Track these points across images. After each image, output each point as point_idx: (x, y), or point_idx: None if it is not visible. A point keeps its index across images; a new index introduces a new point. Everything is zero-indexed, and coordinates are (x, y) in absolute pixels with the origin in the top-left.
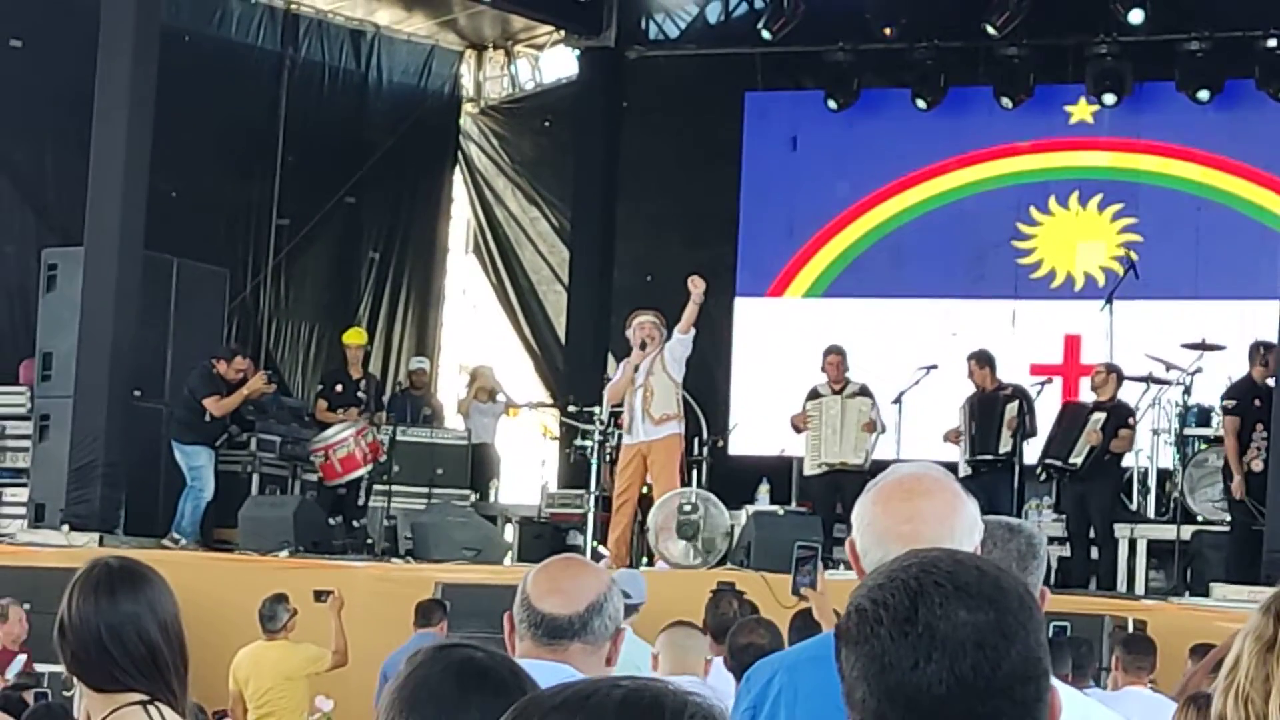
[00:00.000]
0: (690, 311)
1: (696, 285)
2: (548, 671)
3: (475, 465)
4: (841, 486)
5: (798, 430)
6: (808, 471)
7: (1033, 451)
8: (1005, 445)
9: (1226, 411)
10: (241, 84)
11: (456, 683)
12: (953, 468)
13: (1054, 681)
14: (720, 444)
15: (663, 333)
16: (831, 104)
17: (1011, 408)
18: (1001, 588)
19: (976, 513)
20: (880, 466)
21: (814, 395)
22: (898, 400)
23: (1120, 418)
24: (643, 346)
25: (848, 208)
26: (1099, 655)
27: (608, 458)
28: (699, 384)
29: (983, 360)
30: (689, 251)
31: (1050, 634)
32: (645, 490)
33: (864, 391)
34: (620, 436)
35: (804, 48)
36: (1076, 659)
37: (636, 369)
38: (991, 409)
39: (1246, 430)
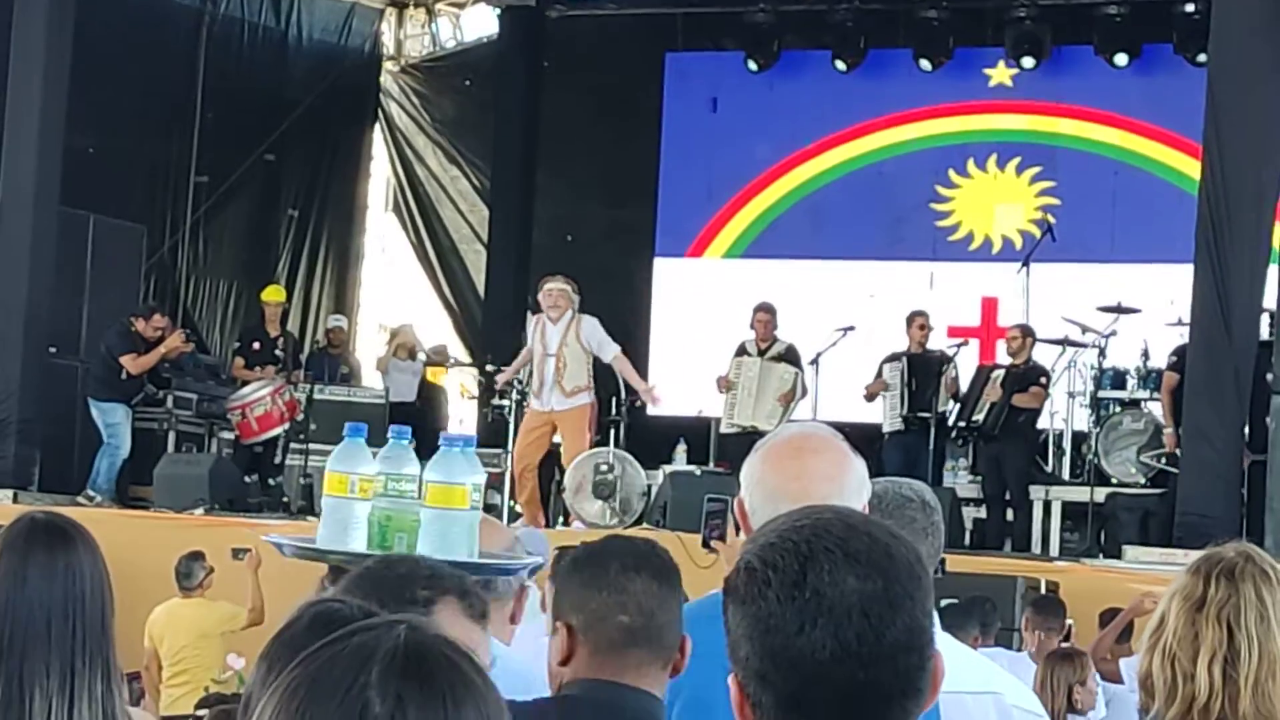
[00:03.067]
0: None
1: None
2: None
3: (392, 424)
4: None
5: (722, 391)
6: (723, 430)
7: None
8: (943, 406)
9: (1168, 367)
10: (160, 40)
11: (312, 632)
12: (872, 427)
13: (940, 644)
14: (638, 404)
15: (572, 301)
16: (752, 65)
17: (950, 369)
18: (891, 556)
19: (864, 471)
20: None
21: (740, 352)
22: (815, 361)
23: (1032, 378)
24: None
25: (767, 169)
26: (1013, 617)
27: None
28: (618, 343)
29: (925, 323)
30: (608, 212)
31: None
32: (555, 449)
33: (789, 354)
34: (526, 398)
35: (724, 9)
36: (983, 618)
37: (545, 335)
38: (928, 369)
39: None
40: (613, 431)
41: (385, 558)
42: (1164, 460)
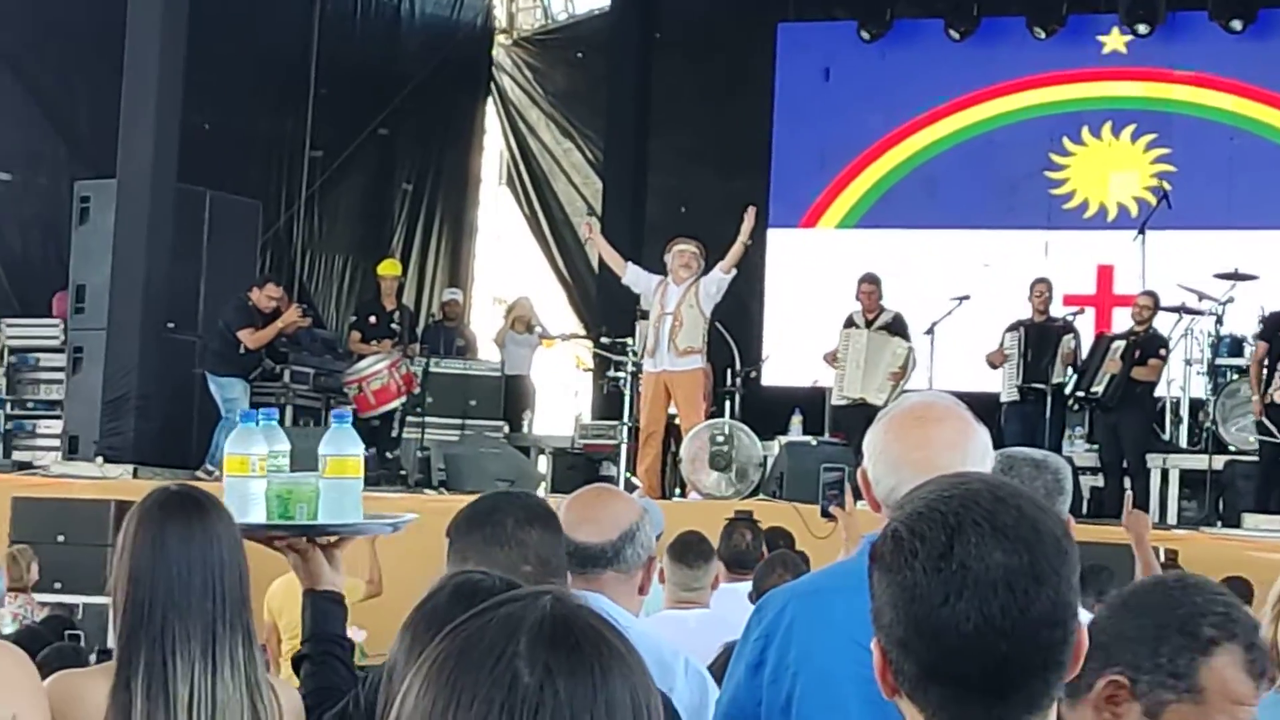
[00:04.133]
0: (735, 251)
1: (748, 221)
2: None
3: (509, 397)
4: (869, 419)
5: (830, 365)
6: (834, 402)
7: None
8: (1058, 377)
9: (1258, 337)
10: (274, 16)
11: (454, 603)
12: (989, 397)
13: (1082, 616)
14: (753, 375)
15: (700, 264)
16: (864, 34)
17: (1068, 340)
18: (1038, 529)
19: (988, 439)
20: None
21: (848, 324)
22: (930, 331)
23: (1151, 347)
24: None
25: (880, 138)
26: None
27: (639, 388)
28: (732, 315)
29: (1044, 290)
30: (721, 183)
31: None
32: (674, 420)
33: (896, 324)
34: (640, 369)
35: None
36: (1100, 587)
37: (665, 295)
38: (1047, 339)
39: (1273, 359)
40: (728, 403)
41: None
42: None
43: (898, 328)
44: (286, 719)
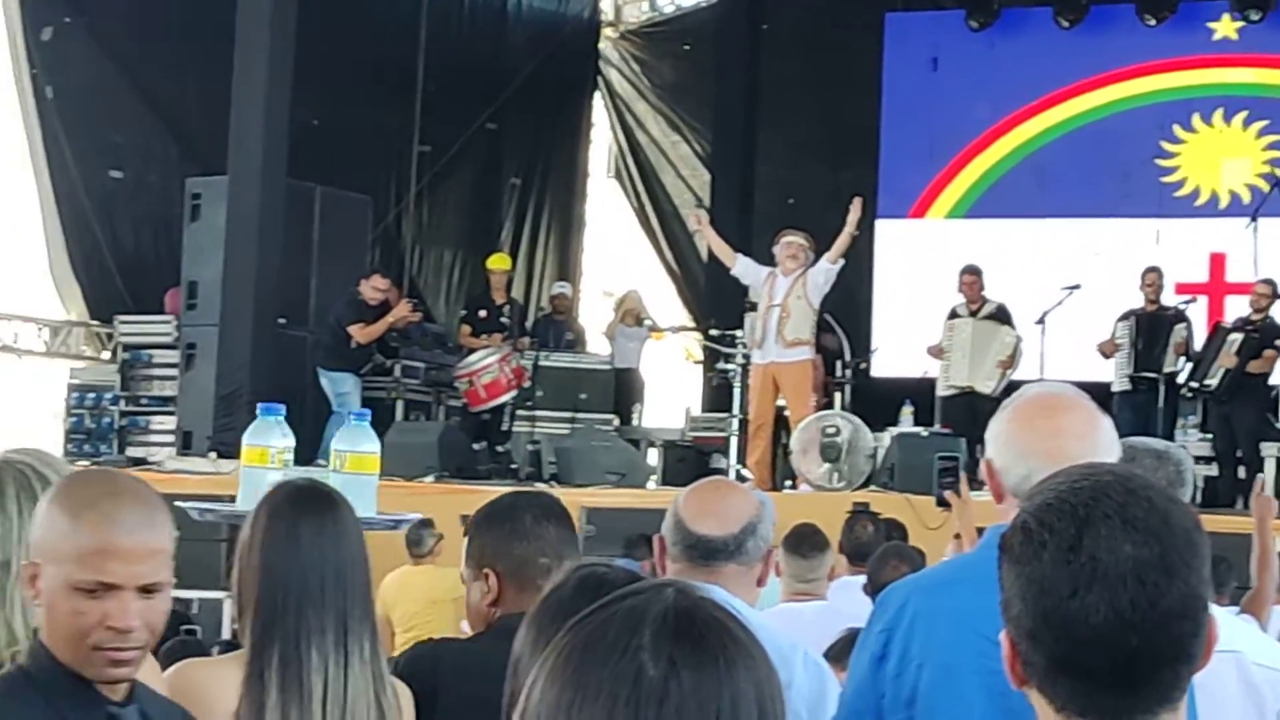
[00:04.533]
0: (842, 241)
1: (854, 211)
2: None
3: (619, 390)
4: (976, 410)
5: (935, 357)
6: (940, 393)
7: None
8: (1170, 366)
9: None
10: (381, 13)
11: (579, 596)
12: (1100, 386)
13: (1212, 609)
14: (863, 366)
15: (808, 255)
16: (972, 24)
17: (1180, 329)
18: (1169, 522)
19: (1113, 429)
20: (1015, 389)
21: (952, 315)
22: (1041, 320)
23: (1268, 339)
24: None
25: (989, 128)
26: (1248, 576)
27: (748, 381)
28: (841, 306)
29: (1156, 279)
30: (830, 174)
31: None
32: (784, 412)
33: (1000, 314)
34: (749, 360)
35: None
36: (1218, 577)
37: (773, 287)
38: (1158, 328)
39: None
40: (838, 395)
41: None
42: None
43: (1004, 317)
44: (404, 714)
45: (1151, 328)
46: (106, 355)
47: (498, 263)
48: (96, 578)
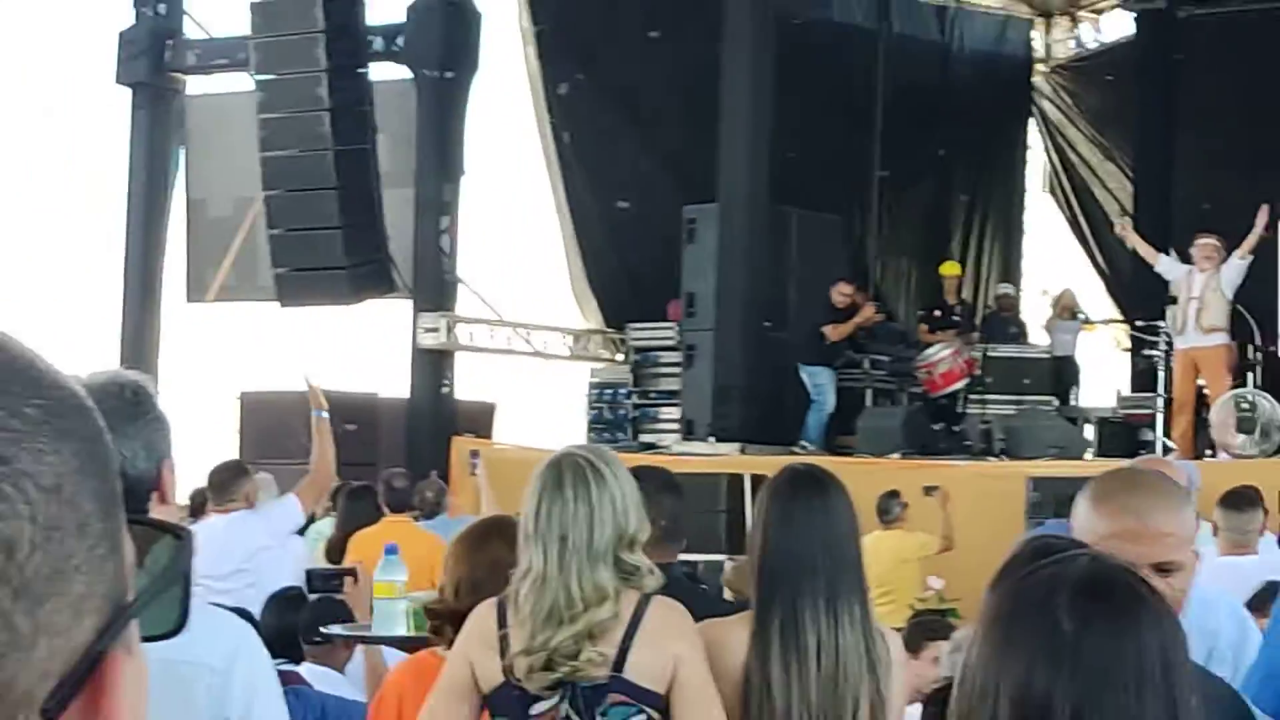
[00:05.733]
0: (1251, 240)
1: (1262, 216)
2: None
3: (1058, 375)
4: None
5: None
6: None
7: None
8: None
9: None
10: (844, 59)
11: (1033, 559)
12: None
13: None
14: (1272, 349)
15: (1221, 254)
16: None
17: None
18: None
19: None
20: None
21: None
22: None
23: None
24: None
25: None
26: None
27: (1171, 364)
28: (1254, 296)
29: None
30: (1243, 182)
31: None
32: (1203, 390)
33: None
34: (1172, 348)
35: None
36: None
37: (1191, 282)
38: None
39: None
40: (1249, 375)
41: None
42: None
43: None
44: (894, 665)
45: None
46: (620, 357)
47: (949, 269)
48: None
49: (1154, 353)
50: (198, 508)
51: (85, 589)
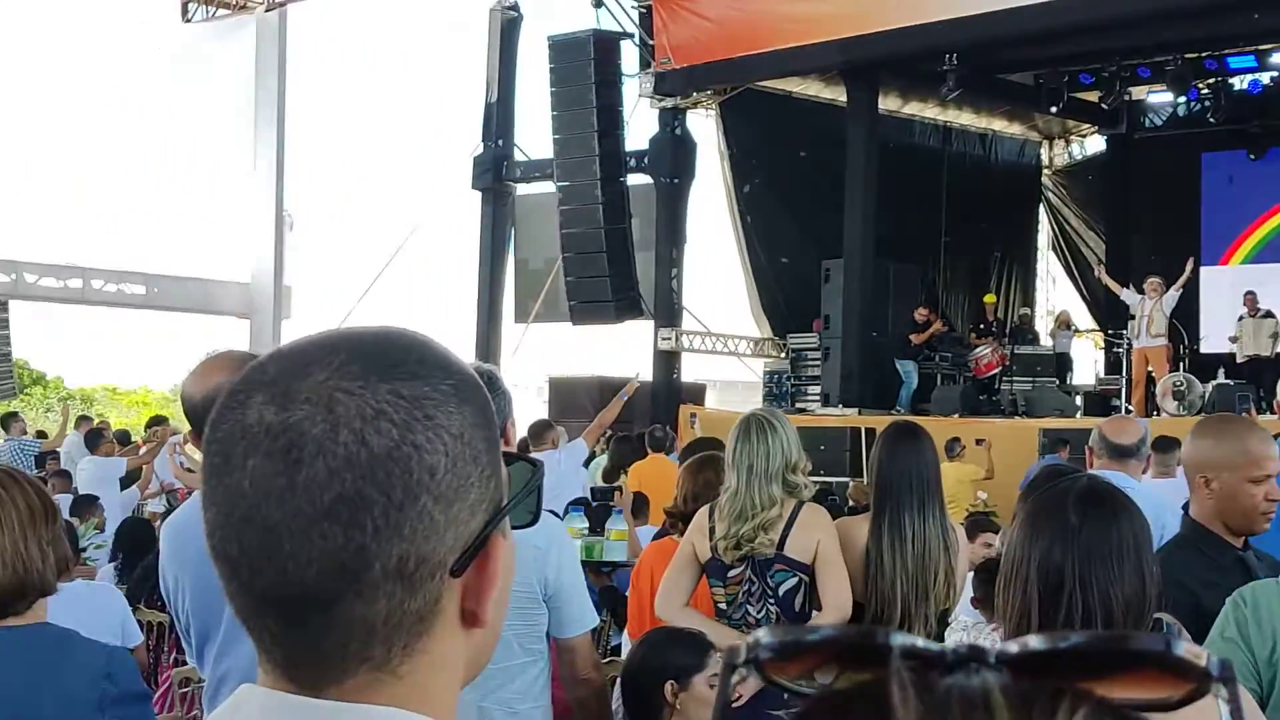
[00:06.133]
0: (1182, 279)
1: (1188, 265)
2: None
3: (1059, 365)
4: (1259, 368)
5: (1233, 342)
6: (1239, 360)
7: None
8: None
9: None
10: (921, 166)
11: (1047, 479)
12: None
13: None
14: (1194, 348)
15: (1162, 288)
16: None
17: None
18: None
19: None
20: None
21: (1240, 318)
22: None
23: None
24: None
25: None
26: None
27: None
28: (1182, 313)
29: None
30: (1178, 244)
31: None
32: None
33: (1268, 314)
34: (1132, 346)
35: None
36: None
37: (1144, 304)
38: None
39: None
40: (1181, 364)
41: None
42: None
43: (1271, 314)
44: (960, 547)
45: None
46: (783, 355)
47: (989, 299)
48: (1264, 472)
49: (1119, 350)
50: (522, 448)
51: (478, 496)
